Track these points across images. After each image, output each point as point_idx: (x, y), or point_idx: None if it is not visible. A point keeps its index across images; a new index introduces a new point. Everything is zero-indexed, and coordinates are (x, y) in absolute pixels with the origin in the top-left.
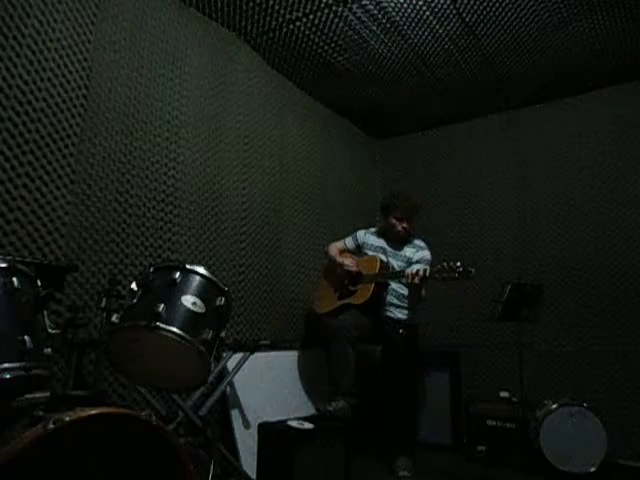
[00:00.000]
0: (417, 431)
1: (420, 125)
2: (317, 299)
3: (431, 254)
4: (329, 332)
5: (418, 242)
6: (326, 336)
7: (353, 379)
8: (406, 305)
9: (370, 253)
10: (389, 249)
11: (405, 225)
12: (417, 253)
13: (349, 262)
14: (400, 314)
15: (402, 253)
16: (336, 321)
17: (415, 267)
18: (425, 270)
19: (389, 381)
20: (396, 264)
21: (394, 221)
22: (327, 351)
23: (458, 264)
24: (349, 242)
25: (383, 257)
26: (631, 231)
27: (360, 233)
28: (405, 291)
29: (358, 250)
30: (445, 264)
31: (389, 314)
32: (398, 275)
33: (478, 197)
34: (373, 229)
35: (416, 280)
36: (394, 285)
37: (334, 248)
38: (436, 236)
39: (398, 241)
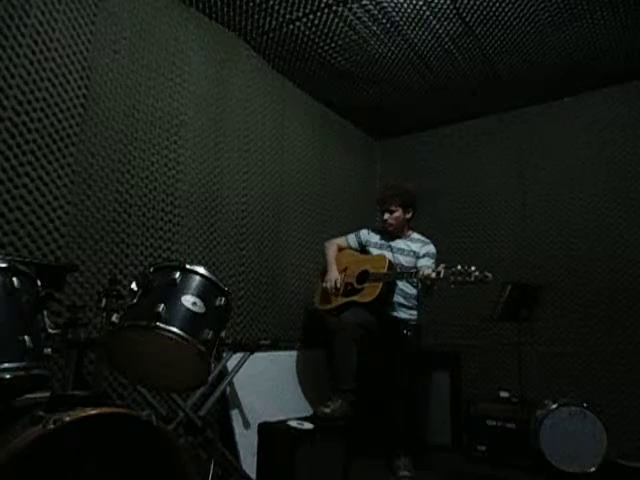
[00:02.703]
0: (417, 431)
1: (420, 125)
2: (319, 294)
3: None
4: (332, 330)
5: (421, 237)
6: (328, 334)
7: (354, 378)
8: (412, 305)
9: (375, 251)
10: (394, 246)
11: (386, 217)
12: (423, 247)
13: (334, 284)
14: (406, 314)
15: (408, 248)
16: (339, 319)
17: (427, 271)
18: (439, 272)
19: (391, 381)
20: (403, 259)
21: (382, 217)
22: (328, 349)
23: (473, 268)
24: (352, 240)
25: (390, 255)
26: (631, 231)
27: (364, 231)
28: (412, 291)
29: (361, 249)
30: (460, 267)
31: (395, 314)
32: (408, 275)
33: (478, 197)
34: (376, 228)
35: (427, 282)
36: (401, 285)
37: (333, 246)
38: (435, 236)
39: (397, 236)
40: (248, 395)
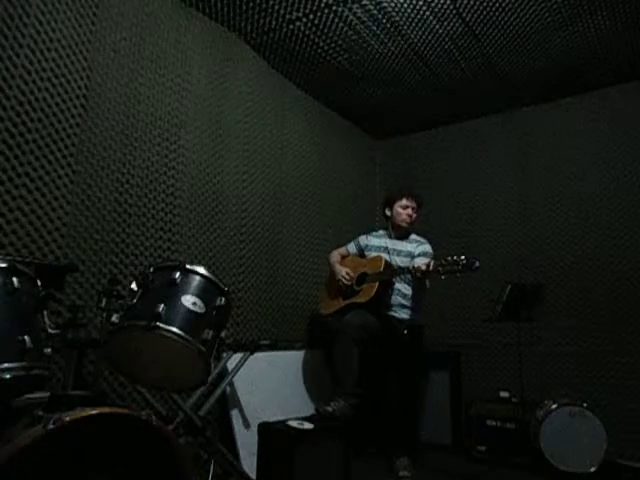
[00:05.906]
0: (417, 431)
1: (420, 125)
2: (322, 301)
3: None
4: (334, 331)
5: (418, 237)
6: (330, 335)
7: (356, 379)
8: (411, 305)
9: (373, 254)
10: (391, 247)
11: (410, 212)
12: (418, 247)
13: (346, 275)
14: (404, 314)
15: (404, 249)
16: (343, 321)
17: (417, 261)
18: (428, 264)
19: (391, 381)
20: (399, 261)
21: (400, 209)
22: (330, 350)
23: (462, 257)
24: (351, 247)
25: (386, 257)
26: (631, 231)
27: (362, 237)
28: (410, 291)
29: (361, 254)
30: (449, 258)
31: (393, 314)
32: (402, 271)
33: (478, 197)
34: (374, 232)
35: (418, 274)
36: (399, 285)
37: (336, 255)
38: (436, 236)
39: (401, 236)
40: (248, 395)
